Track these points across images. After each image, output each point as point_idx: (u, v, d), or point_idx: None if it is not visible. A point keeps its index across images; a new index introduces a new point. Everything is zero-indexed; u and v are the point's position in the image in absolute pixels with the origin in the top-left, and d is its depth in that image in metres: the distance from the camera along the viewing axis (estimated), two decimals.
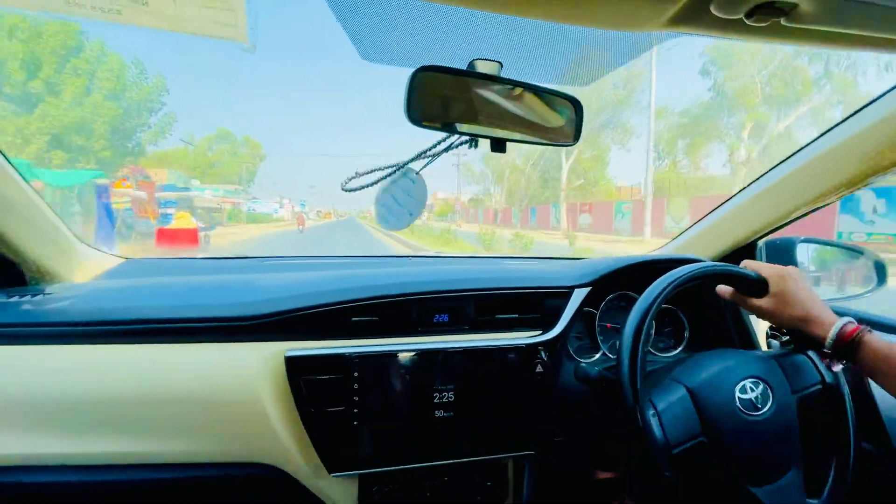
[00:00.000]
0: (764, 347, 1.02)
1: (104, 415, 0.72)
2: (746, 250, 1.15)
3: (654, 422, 0.65)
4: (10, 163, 0.76)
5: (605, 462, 1.05)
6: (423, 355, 0.81)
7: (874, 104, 0.77)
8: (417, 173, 0.83)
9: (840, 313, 0.95)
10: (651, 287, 0.72)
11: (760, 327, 1.07)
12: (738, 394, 0.66)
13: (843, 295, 1.16)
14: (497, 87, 0.67)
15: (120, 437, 0.73)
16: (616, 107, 25.23)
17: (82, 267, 0.99)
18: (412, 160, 0.80)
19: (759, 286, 0.74)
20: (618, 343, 0.68)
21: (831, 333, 0.65)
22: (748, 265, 0.77)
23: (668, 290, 0.71)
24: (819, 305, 0.70)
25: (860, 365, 0.63)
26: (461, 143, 0.76)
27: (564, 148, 25.15)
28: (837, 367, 0.70)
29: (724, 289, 0.80)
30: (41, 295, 0.81)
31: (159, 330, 0.76)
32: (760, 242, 1.16)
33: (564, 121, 0.72)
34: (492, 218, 36.25)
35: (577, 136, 0.72)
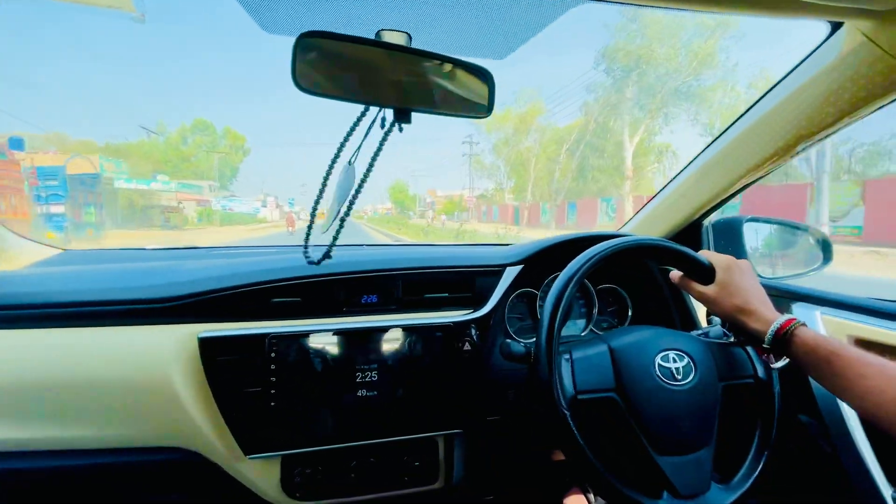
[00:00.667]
0: (704, 325, 1.02)
1: (12, 400, 0.71)
2: (692, 230, 1.14)
3: (565, 366, 0.65)
4: None
5: (554, 441, 1.04)
6: (344, 335, 0.80)
7: (794, 72, 0.77)
8: (350, 164, 0.80)
9: (795, 295, 0.96)
10: (574, 261, 0.71)
11: (702, 310, 1.06)
12: (658, 360, 0.66)
13: (790, 273, 1.16)
14: (403, 56, 0.66)
15: (30, 423, 0.71)
16: (698, 66, 18.47)
17: (12, 257, 0.97)
18: (338, 154, 0.76)
19: (705, 272, 0.74)
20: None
21: (770, 329, 0.65)
22: (702, 253, 0.75)
23: (588, 263, 0.70)
24: (761, 299, 0.70)
25: (793, 358, 0.64)
26: (383, 122, 0.74)
27: (627, 126, 20.86)
28: (778, 364, 0.68)
29: (675, 273, 0.79)
30: None
31: (68, 314, 0.74)
32: (706, 222, 1.16)
33: (476, 93, 0.70)
34: (510, 216, 31.48)
35: (489, 108, 0.71)
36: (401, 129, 0.72)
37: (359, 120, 0.73)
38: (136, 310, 0.76)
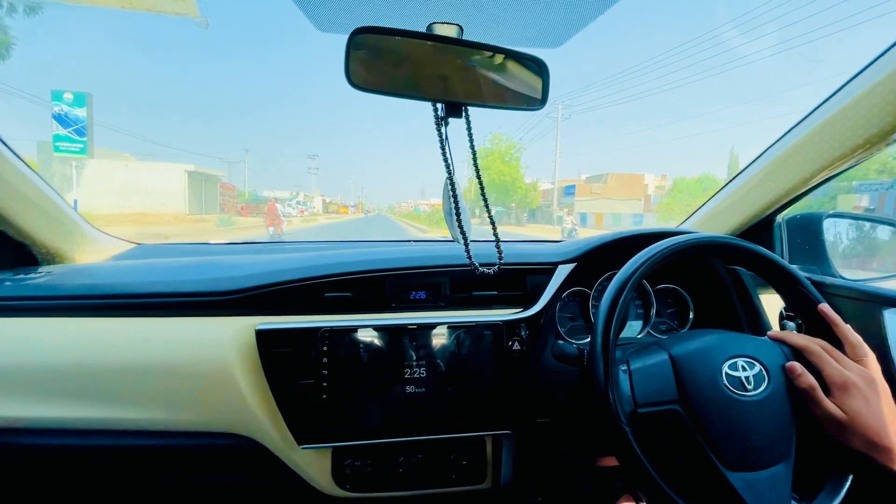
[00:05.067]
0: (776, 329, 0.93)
1: (86, 382, 0.76)
2: (763, 227, 1.05)
3: (623, 377, 0.62)
4: (10, 149, 0.82)
5: (608, 448, 0.99)
6: (393, 330, 0.80)
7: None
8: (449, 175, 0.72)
9: (888, 299, 0.84)
10: (631, 261, 0.68)
11: (773, 312, 0.97)
12: (726, 369, 0.61)
13: (882, 275, 1.03)
14: (454, 49, 0.64)
15: (101, 404, 0.76)
16: None
17: (92, 250, 1.05)
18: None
19: (792, 288, 0.67)
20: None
21: None
22: (846, 331, 0.63)
23: (647, 264, 0.66)
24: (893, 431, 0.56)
25: None
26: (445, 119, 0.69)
27: None
28: None
29: (799, 373, 0.61)
30: (37, 273, 0.86)
31: (138, 304, 0.80)
32: (779, 218, 1.06)
33: (529, 84, 0.67)
34: None
35: (543, 99, 0.68)
36: (446, 123, 0.69)
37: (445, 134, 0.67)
38: (199, 302, 0.80)
